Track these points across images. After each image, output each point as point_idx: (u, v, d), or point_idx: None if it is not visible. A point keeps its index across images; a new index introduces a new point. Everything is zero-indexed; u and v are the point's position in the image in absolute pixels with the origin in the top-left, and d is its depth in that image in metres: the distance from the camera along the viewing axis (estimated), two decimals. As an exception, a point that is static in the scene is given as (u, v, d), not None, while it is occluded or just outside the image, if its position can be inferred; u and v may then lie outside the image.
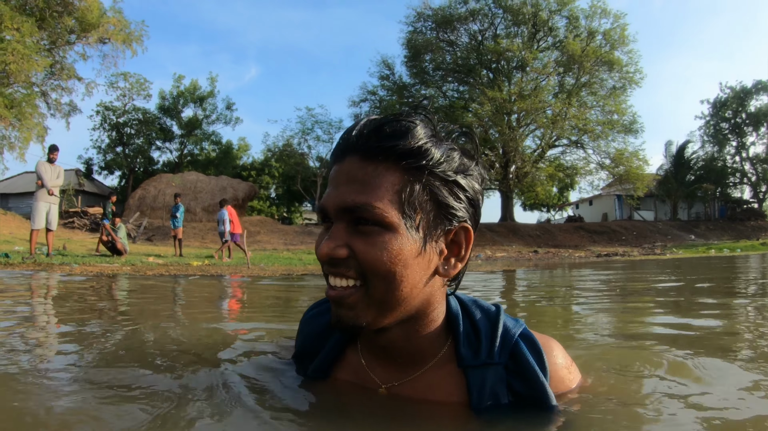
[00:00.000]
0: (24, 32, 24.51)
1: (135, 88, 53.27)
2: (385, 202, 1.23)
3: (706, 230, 49.75)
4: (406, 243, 1.26)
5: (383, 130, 1.26)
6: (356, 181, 1.26)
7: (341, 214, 1.27)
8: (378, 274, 1.25)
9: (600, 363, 2.17)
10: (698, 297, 6.29)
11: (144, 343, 2.71)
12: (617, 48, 45.72)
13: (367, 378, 1.52)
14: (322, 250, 1.26)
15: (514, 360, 1.37)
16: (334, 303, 1.31)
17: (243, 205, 43.12)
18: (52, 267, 11.52)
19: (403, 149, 1.25)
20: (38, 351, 2.46)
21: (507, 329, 1.42)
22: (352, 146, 1.29)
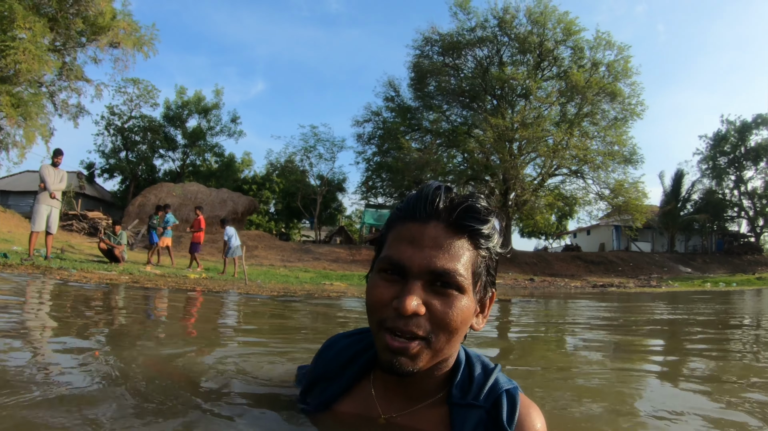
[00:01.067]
0: (36, 32, 24.62)
1: (143, 95, 53.51)
2: (465, 271, 1.45)
3: (703, 263, 49.74)
4: (471, 307, 1.49)
5: (471, 210, 1.47)
6: (442, 248, 1.44)
7: (425, 274, 1.42)
8: (447, 331, 1.44)
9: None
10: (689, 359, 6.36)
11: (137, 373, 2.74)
12: (620, 80, 45.79)
13: (373, 408, 1.66)
14: (408, 306, 1.37)
15: (494, 407, 1.49)
16: (395, 352, 1.43)
17: (242, 218, 43.10)
18: (50, 270, 11.57)
19: (482, 234, 1.49)
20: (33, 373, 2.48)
21: (497, 382, 1.57)
22: (437, 213, 1.47)
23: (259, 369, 2.68)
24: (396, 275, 1.46)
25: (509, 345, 5.46)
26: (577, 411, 2.52)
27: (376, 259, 1.58)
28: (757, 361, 4.48)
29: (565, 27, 45.90)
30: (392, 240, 1.52)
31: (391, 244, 1.51)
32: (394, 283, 1.46)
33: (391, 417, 1.61)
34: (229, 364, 2.82)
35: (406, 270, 1.43)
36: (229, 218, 20.72)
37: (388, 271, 1.48)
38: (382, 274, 1.49)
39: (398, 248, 1.47)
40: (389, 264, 1.47)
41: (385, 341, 1.44)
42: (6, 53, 23.85)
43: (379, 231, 1.63)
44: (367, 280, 1.59)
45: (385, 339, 1.44)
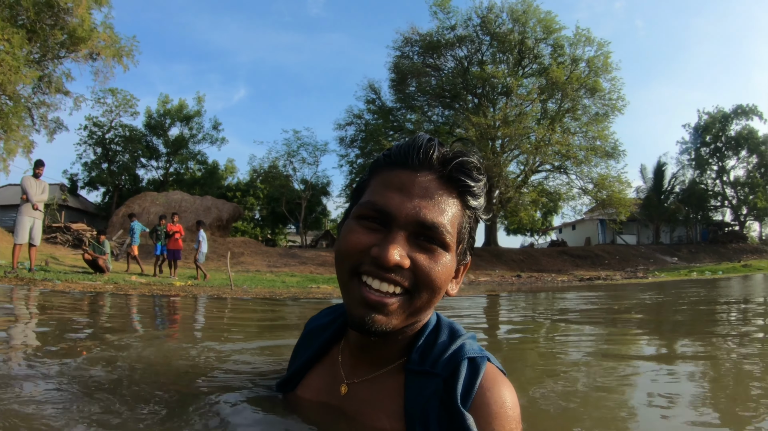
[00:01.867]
0: (14, 44, 24.45)
1: (122, 105, 53.21)
2: (452, 229, 1.39)
3: (688, 253, 50.00)
4: (452, 266, 1.43)
5: (466, 166, 1.42)
6: (432, 200, 1.37)
7: (411, 225, 1.35)
8: (430, 287, 1.37)
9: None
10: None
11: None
12: (600, 75, 46.08)
13: (338, 375, 1.60)
14: (392, 257, 1.29)
15: (452, 377, 1.37)
16: (371, 306, 1.34)
17: (227, 225, 42.89)
18: (34, 282, 11.51)
19: (473, 192, 1.44)
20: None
21: (461, 348, 1.44)
22: (430, 164, 1.42)
23: (247, 362, 2.69)
24: (377, 223, 1.39)
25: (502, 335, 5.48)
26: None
27: (352, 207, 1.51)
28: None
29: (546, 25, 46.16)
30: (377, 186, 1.45)
31: (375, 190, 1.44)
32: (374, 231, 1.38)
33: (352, 384, 1.54)
34: (222, 360, 2.83)
35: (391, 217, 1.36)
36: (213, 225, 20.70)
37: (369, 218, 1.40)
38: (361, 221, 1.42)
39: (384, 194, 1.40)
40: (372, 210, 1.39)
41: (360, 293, 1.36)
42: (-17, 65, 23.72)
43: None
44: (340, 228, 1.52)
45: (361, 291, 1.36)
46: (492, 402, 1.33)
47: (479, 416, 1.30)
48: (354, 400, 1.51)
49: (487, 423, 1.30)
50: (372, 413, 1.46)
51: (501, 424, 1.31)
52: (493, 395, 1.34)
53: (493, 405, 1.32)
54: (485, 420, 1.30)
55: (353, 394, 1.53)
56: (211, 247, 28.41)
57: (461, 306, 9.36)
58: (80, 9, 27.45)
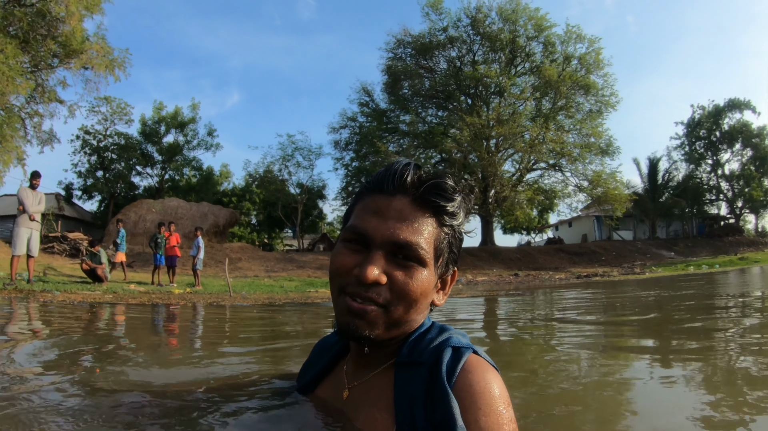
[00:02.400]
0: (8, 54, 24.38)
1: (117, 113, 53.15)
2: (427, 246, 1.48)
3: (685, 247, 50.10)
4: (431, 280, 1.52)
5: (437, 188, 1.51)
6: (406, 221, 1.48)
7: (387, 245, 1.46)
8: (406, 301, 1.47)
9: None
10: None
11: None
12: (593, 72, 46.27)
13: (341, 382, 1.69)
14: (369, 275, 1.40)
15: (437, 364, 1.42)
16: (355, 314, 1.45)
17: (224, 231, 42.86)
18: (33, 293, 11.51)
19: (447, 211, 1.52)
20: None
21: (448, 339, 1.51)
22: (404, 188, 1.51)
23: (256, 371, 2.73)
24: (359, 245, 1.50)
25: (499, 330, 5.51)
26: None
27: (342, 230, 1.61)
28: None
29: (536, 23, 46.30)
30: (359, 211, 1.56)
31: (357, 215, 1.55)
32: (357, 252, 1.49)
33: (352, 387, 1.63)
34: (229, 369, 2.86)
35: (369, 239, 1.47)
36: (210, 231, 20.66)
37: (353, 241, 1.52)
38: (346, 243, 1.54)
39: (363, 218, 1.51)
40: (354, 234, 1.51)
41: (345, 304, 1.47)
42: (-24, 75, 23.65)
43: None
44: (333, 248, 1.63)
45: (346, 301, 1.47)
46: (474, 382, 1.36)
47: (463, 397, 1.34)
48: (353, 402, 1.59)
49: (472, 402, 1.33)
50: (366, 410, 1.52)
51: (486, 403, 1.33)
52: (476, 376, 1.38)
53: (476, 385, 1.36)
54: (470, 400, 1.33)
55: (352, 397, 1.60)
56: (209, 253, 28.42)
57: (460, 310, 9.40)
58: (73, 19, 27.40)
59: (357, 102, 53.91)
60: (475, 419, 1.30)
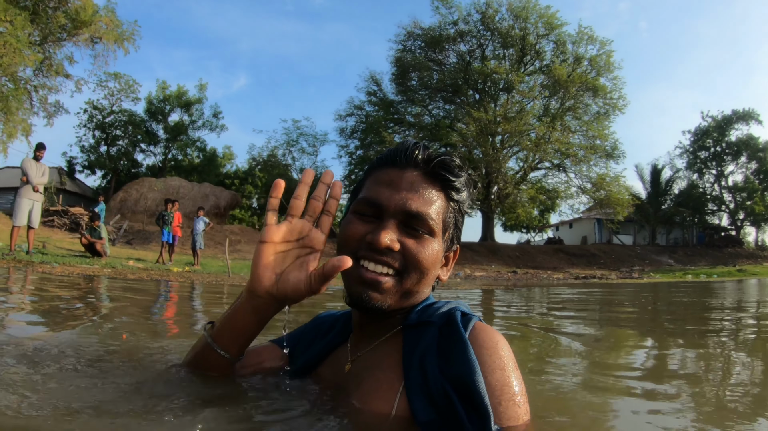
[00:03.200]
0: (17, 25, 24.34)
1: (124, 90, 53.12)
2: (436, 217, 1.56)
3: (684, 256, 50.07)
4: (439, 251, 1.59)
5: (446, 163, 1.60)
6: (418, 192, 1.55)
7: (399, 214, 1.52)
8: (418, 269, 1.53)
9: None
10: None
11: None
12: (602, 74, 46.14)
13: (343, 357, 1.72)
14: (383, 240, 1.46)
15: (447, 324, 1.46)
16: (367, 284, 1.50)
17: (225, 213, 42.91)
18: (32, 265, 11.52)
19: (454, 185, 1.61)
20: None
21: (455, 308, 1.55)
22: (414, 162, 1.59)
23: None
24: (371, 215, 1.56)
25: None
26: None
27: (350, 205, 1.67)
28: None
29: (547, 21, 46.13)
30: (370, 183, 1.62)
31: (369, 187, 1.61)
32: (369, 222, 1.55)
33: (356, 359, 1.65)
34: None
35: (382, 209, 1.53)
36: (211, 212, 20.60)
37: (364, 212, 1.57)
38: (358, 215, 1.59)
39: (376, 189, 1.57)
40: (366, 205, 1.57)
41: (357, 273, 1.51)
42: (-16, 46, 23.62)
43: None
44: (341, 221, 1.67)
45: (358, 271, 1.51)
46: (486, 339, 1.41)
47: (477, 348, 1.37)
48: (356, 372, 1.61)
49: (483, 358, 1.36)
50: (371, 374, 1.53)
51: (497, 359, 1.37)
52: (487, 334, 1.43)
53: (488, 341, 1.41)
54: (481, 356, 1.36)
55: (355, 368, 1.63)
56: (209, 235, 28.39)
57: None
58: (84, -7, 27.43)
59: (365, 90, 53.80)
60: (485, 375, 1.33)
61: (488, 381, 1.32)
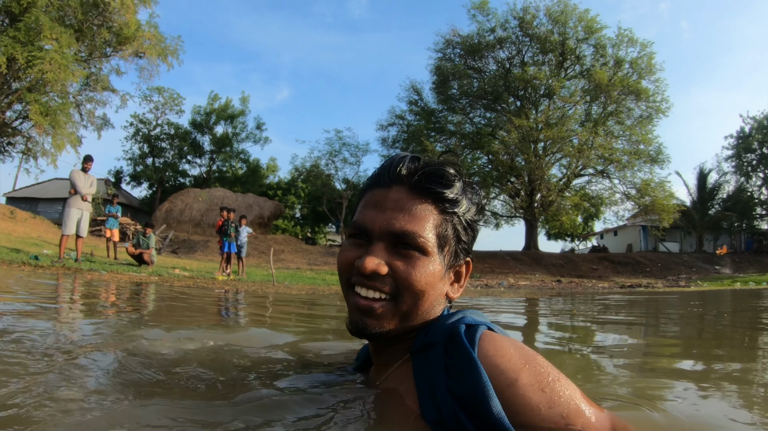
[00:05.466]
0: (62, 43, 25.03)
1: (168, 103, 54.32)
2: (427, 234, 1.48)
3: (732, 263, 48.95)
4: (436, 268, 1.51)
5: (434, 175, 1.52)
6: (404, 210, 1.49)
7: (386, 236, 1.48)
8: (411, 291, 1.47)
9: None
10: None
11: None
12: (644, 77, 45.30)
13: (368, 380, 1.73)
14: (368, 265, 1.43)
15: (450, 340, 1.37)
16: (362, 312, 1.49)
17: (268, 223, 43.40)
18: (80, 272, 11.74)
19: (446, 197, 1.53)
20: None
21: (460, 319, 1.46)
22: (400, 178, 1.54)
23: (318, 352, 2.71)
24: (363, 239, 1.54)
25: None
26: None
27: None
28: None
29: (587, 25, 45.55)
30: (360, 207, 1.60)
31: (359, 211, 1.59)
32: (360, 247, 1.53)
33: (374, 387, 1.62)
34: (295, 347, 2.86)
35: (369, 232, 1.51)
36: (255, 222, 20.65)
37: (356, 236, 1.56)
38: (351, 239, 1.58)
39: (363, 213, 1.56)
40: (355, 229, 1.56)
41: (353, 301, 1.51)
42: (33, 63, 24.26)
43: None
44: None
45: (353, 299, 1.51)
46: (497, 345, 1.32)
47: (491, 363, 1.27)
48: (374, 404, 1.54)
49: (502, 363, 1.27)
50: (388, 405, 1.49)
51: (519, 358, 1.29)
52: (497, 342, 1.33)
53: (500, 348, 1.31)
54: (500, 364, 1.27)
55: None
56: (252, 244, 28.71)
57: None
58: (125, 9, 28.04)
59: (406, 100, 53.85)
60: (514, 378, 1.25)
61: (521, 382, 1.24)
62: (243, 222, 19.75)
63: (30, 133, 30.68)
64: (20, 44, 24.20)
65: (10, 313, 3.75)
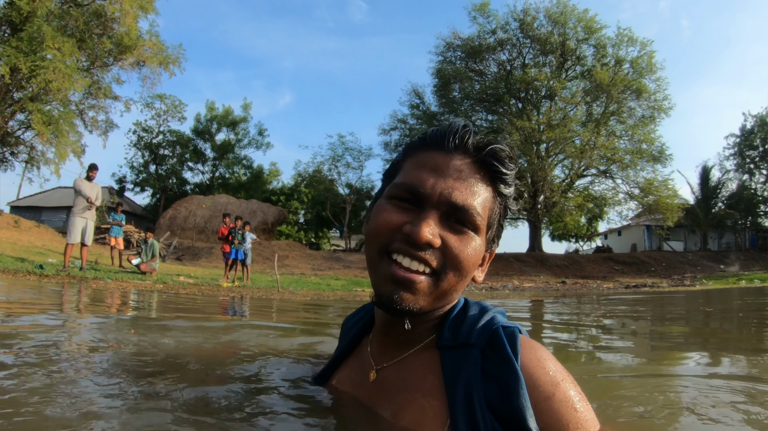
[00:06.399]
0: (65, 52, 25.15)
1: (170, 110, 54.48)
2: (482, 212, 1.40)
3: (737, 260, 48.81)
4: (481, 250, 1.44)
5: (500, 153, 1.44)
6: (466, 182, 1.39)
7: (444, 205, 1.36)
8: (457, 269, 1.37)
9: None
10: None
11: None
12: (645, 76, 45.24)
13: (366, 362, 1.61)
14: (424, 234, 1.30)
15: (490, 346, 1.33)
16: (399, 283, 1.34)
17: (272, 229, 43.43)
18: (85, 280, 11.76)
19: (505, 179, 1.46)
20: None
21: (492, 319, 1.42)
22: (465, 148, 1.43)
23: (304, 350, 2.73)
24: (410, 203, 1.40)
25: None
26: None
27: (384, 188, 1.54)
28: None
29: (586, 25, 45.60)
30: (411, 167, 1.46)
31: (409, 171, 1.45)
32: (406, 211, 1.40)
33: (381, 369, 1.53)
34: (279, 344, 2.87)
35: (424, 197, 1.38)
36: (259, 228, 20.57)
37: (402, 198, 1.42)
38: (394, 201, 1.44)
39: (419, 175, 1.41)
40: (405, 191, 1.41)
41: (389, 270, 1.36)
42: (36, 73, 24.36)
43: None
44: (370, 210, 1.54)
45: (390, 268, 1.36)
46: (537, 361, 1.30)
47: (530, 379, 1.25)
48: (383, 385, 1.50)
49: (541, 383, 1.25)
50: (404, 394, 1.41)
51: (556, 381, 1.26)
52: (536, 353, 1.32)
53: (538, 359, 1.30)
54: (538, 381, 1.25)
55: (382, 379, 1.51)
56: (257, 250, 28.70)
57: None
58: (127, 19, 28.15)
59: (408, 104, 54.18)
60: (547, 396, 1.23)
61: (550, 404, 1.23)
62: (247, 228, 19.72)
63: (33, 143, 30.83)
64: (23, 54, 24.30)
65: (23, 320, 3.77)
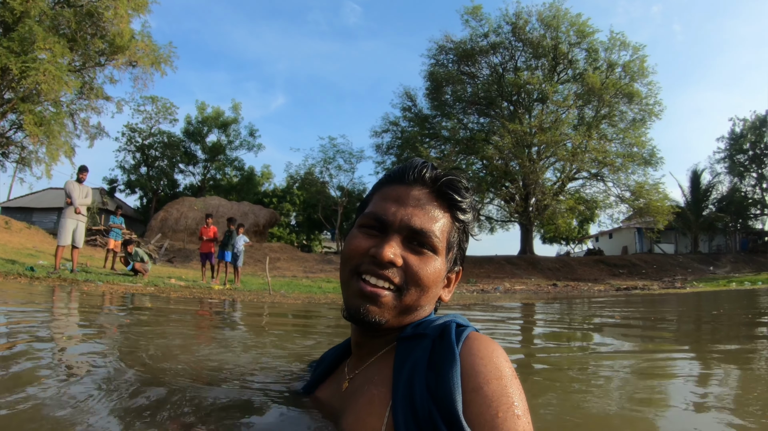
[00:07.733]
0: (56, 53, 25.01)
1: (161, 112, 54.37)
2: (441, 235, 1.58)
3: (728, 263, 48.98)
4: (441, 269, 1.60)
5: (454, 184, 1.63)
6: (423, 209, 1.57)
7: (404, 229, 1.54)
8: (418, 285, 1.53)
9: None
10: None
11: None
12: (637, 80, 45.54)
13: (343, 373, 1.74)
14: (387, 254, 1.47)
15: (440, 337, 1.41)
16: (366, 297, 1.50)
17: (264, 231, 43.31)
18: (77, 283, 11.72)
19: (461, 206, 1.64)
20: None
21: (451, 319, 1.50)
22: (423, 180, 1.62)
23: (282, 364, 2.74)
24: (376, 230, 1.58)
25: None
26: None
27: (356, 219, 1.70)
28: None
29: (579, 29, 45.85)
30: (377, 199, 1.64)
31: (375, 203, 1.64)
32: (373, 237, 1.57)
33: (352, 377, 1.64)
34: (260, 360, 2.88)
35: (388, 224, 1.55)
36: (250, 230, 20.47)
37: (369, 226, 1.59)
38: (363, 229, 1.61)
39: (383, 205, 1.59)
40: (372, 219, 1.58)
41: (358, 286, 1.52)
42: (27, 74, 24.22)
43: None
44: (346, 236, 1.70)
45: (359, 284, 1.52)
46: (480, 349, 1.34)
47: (468, 364, 1.30)
48: (352, 391, 1.59)
49: (478, 368, 1.29)
50: (366, 391, 1.49)
51: (493, 369, 1.29)
52: (481, 344, 1.36)
53: (482, 351, 1.33)
54: (475, 367, 1.29)
55: (352, 386, 1.61)
56: (248, 252, 28.63)
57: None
58: (119, 19, 28.05)
59: (400, 106, 54.30)
60: (481, 385, 1.26)
61: (484, 392, 1.24)
62: (241, 231, 19.65)
63: (24, 143, 30.70)
64: (14, 54, 24.16)
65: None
